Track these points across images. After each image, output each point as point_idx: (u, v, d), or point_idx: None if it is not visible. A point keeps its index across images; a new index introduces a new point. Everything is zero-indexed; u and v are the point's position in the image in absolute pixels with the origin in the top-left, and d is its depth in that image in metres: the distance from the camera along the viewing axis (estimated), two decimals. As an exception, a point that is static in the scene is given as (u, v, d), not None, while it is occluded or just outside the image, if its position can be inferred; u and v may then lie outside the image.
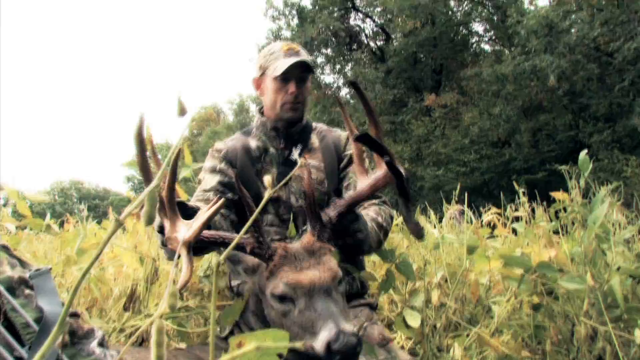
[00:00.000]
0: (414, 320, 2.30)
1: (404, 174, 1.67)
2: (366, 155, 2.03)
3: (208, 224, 1.39)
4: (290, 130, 2.49)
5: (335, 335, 1.35)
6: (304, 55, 2.45)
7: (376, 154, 1.75)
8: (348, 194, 1.78)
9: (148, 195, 0.50)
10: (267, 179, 0.95)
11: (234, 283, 2.32)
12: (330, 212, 1.71)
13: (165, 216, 1.55)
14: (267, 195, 0.72)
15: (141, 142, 1.31)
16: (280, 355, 0.60)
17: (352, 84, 1.78)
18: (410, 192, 1.75)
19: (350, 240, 1.91)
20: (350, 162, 2.52)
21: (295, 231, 2.27)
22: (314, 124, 2.69)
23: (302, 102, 2.49)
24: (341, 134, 2.63)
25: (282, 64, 2.36)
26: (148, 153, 1.39)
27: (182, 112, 0.62)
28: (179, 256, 1.32)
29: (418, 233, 1.78)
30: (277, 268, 1.51)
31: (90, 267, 0.44)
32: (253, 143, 2.52)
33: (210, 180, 2.37)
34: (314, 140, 2.58)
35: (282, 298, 1.48)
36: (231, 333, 1.91)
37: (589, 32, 15.92)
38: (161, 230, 1.59)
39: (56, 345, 1.01)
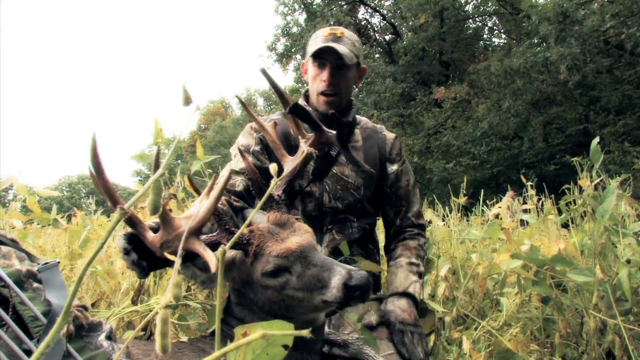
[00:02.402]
0: (437, 306, 2.34)
1: (344, 121, 1.74)
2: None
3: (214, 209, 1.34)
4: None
5: (347, 274, 1.38)
6: (344, 43, 2.27)
7: (309, 124, 1.75)
8: (286, 172, 1.70)
9: (153, 185, 0.49)
10: (273, 167, 0.90)
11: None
12: (278, 190, 1.67)
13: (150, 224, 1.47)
14: (272, 183, 0.71)
15: (98, 163, 1.24)
16: (285, 347, 0.59)
17: (262, 71, 1.75)
18: (346, 140, 1.78)
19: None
20: (395, 181, 2.44)
21: (348, 251, 2.23)
22: (358, 118, 2.51)
23: (339, 94, 2.31)
24: (387, 135, 2.47)
25: (315, 47, 2.25)
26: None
27: (187, 101, 0.62)
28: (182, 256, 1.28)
29: (368, 171, 1.82)
30: (260, 247, 1.48)
31: (95, 257, 0.44)
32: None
33: (240, 162, 2.19)
34: (357, 137, 2.42)
35: (276, 272, 1.45)
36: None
37: (600, 24, 15.78)
38: (127, 252, 1.47)
39: (61, 334, 1.01)
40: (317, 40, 2.31)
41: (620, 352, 2.02)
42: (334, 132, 1.71)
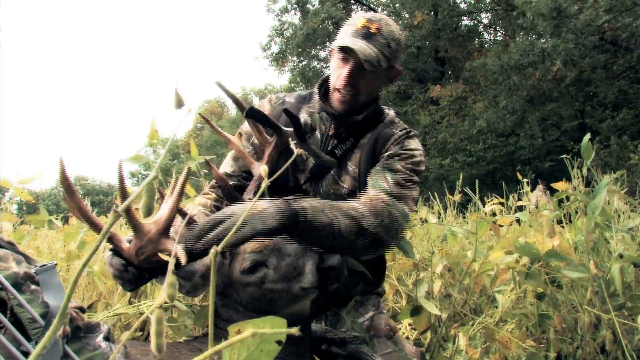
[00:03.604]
0: (433, 307, 2.29)
1: (300, 119, 1.73)
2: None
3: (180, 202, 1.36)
4: (345, 120, 2.06)
5: (318, 258, 1.43)
6: (376, 42, 1.93)
7: (268, 127, 1.76)
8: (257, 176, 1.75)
9: (146, 187, 0.50)
10: (264, 168, 0.88)
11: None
12: (249, 194, 1.71)
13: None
14: (263, 185, 0.72)
15: (68, 185, 1.24)
16: (279, 342, 0.61)
17: (218, 85, 1.77)
18: (303, 134, 1.77)
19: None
20: (385, 160, 1.99)
21: (360, 264, 2.12)
22: (386, 111, 2.18)
23: (356, 95, 2.02)
24: (396, 133, 2.06)
25: (343, 41, 1.95)
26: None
27: (179, 104, 0.63)
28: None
29: (330, 160, 1.85)
30: (235, 249, 1.52)
31: (89, 260, 0.45)
32: (303, 115, 2.14)
33: (231, 165, 2.13)
34: (368, 135, 2.10)
35: (253, 268, 1.48)
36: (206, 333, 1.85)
37: (594, 18, 15.83)
38: (125, 268, 1.46)
39: (57, 335, 1.02)
40: (348, 30, 1.99)
41: (612, 346, 2.04)
42: (291, 129, 1.71)
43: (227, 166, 2.18)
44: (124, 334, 2.01)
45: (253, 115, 1.67)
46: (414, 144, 2.03)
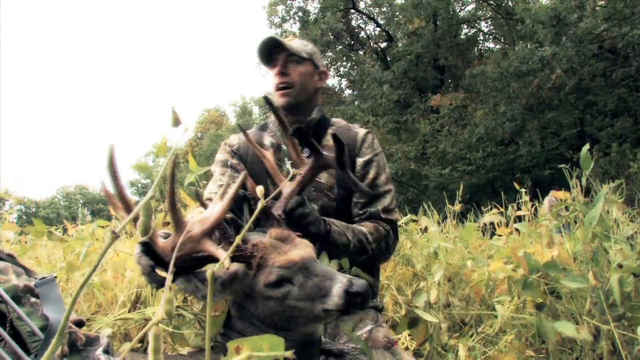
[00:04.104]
0: (430, 316, 2.32)
1: (345, 143, 1.70)
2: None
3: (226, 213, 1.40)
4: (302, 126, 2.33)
5: (348, 282, 1.40)
6: (293, 42, 2.38)
7: (309, 148, 1.81)
8: (289, 187, 1.77)
9: (144, 207, 0.51)
10: (260, 189, 0.94)
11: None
12: (278, 210, 1.72)
13: (168, 226, 1.55)
14: (259, 205, 0.73)
15: (114, 172, 1.30)
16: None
17: (265, 99, 1.83)
18: (346, 162, 1.77)
19: (297, 223, 1.83)
20: (363, 171, 2.38)
21: (348, 265, 2.22)
22: (332, 119, 2.55)
23: (292, 87, 2.35)
24: (358, 132, 2.46)
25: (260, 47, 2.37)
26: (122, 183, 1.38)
27: (176, 122, 0.64)
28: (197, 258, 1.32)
29: (366, 192, 1.93)
30: (264, 259, 1.51)
31: (88, 279, 0.46)
32: (267, 139, 2.45)
33: (222, 176, 2.35)
34: (329, 138, 2.38)
35: (278, 283, 1.47)
36: (217, 341, 1.86)
37: (594, 27, 15.91)
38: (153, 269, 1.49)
39: (56, 356, 1.03)
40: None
41: (613, 357, 2.04)
42: (333, 155, 1.73)
43: (214, 188, 2.36)
44: (124, 344, 2.01)
45: (298, 135, 1.69)
46: (376, 142, 2.46)
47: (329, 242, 1.94)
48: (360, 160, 2.38)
